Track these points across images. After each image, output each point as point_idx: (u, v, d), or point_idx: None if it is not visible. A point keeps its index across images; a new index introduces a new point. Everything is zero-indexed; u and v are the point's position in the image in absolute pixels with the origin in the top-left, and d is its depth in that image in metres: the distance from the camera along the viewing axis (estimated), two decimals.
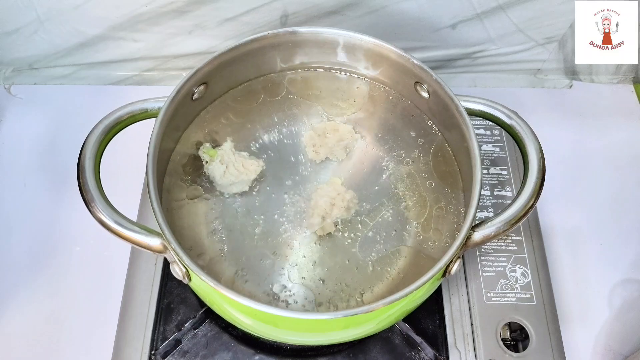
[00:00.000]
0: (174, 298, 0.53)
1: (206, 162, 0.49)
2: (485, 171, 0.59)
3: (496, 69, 0.71)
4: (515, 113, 0.46)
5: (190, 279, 0.42)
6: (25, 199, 0.62)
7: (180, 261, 0.40)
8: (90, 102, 0.69)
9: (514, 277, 0.54)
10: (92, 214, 0.40)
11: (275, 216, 0.48)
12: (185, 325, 0.51)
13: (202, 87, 0.49)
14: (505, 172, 0.60)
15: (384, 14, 0.61)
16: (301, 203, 0.48)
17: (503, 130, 0.47)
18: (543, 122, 0.64)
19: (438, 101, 0.48)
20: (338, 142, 0.51)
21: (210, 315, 0.51)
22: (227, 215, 0.48)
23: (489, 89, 0.72)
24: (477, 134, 0.44)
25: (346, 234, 0.47)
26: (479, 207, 0.44)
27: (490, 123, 0.49)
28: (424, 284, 0.38)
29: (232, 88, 0.53)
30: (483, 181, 0.56)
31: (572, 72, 0.71)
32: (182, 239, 0.45)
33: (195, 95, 0.49)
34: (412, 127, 0.52)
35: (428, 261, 0.45)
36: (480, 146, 0.45)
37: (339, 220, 0.47)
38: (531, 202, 0.42)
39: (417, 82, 0.50)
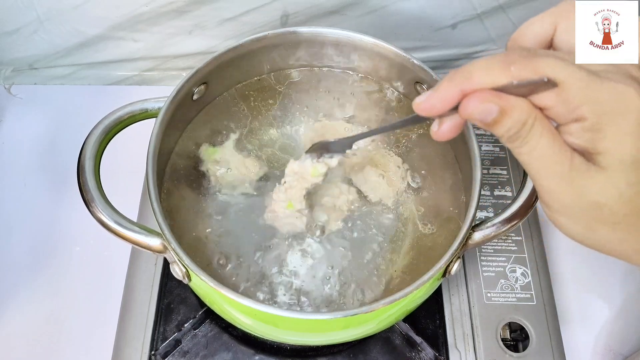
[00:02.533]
0: (174, 298, 0.53)
1: (206, 162, 0.49)
2: (485, 171, 0.59)
3: None
4: None
5: (190, 279, 0.42)
6: (25, 199, 0.62)
7: (180, 261, 0.40)
8: (90, 102, 0.69)
9: (514, 277, 0.54)
10: (92, 214, 0.40)
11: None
12: (185, 325, 0.51)
13: (202, 87, 0.49)
14: (505, 172, 0.60)
15: (384, 13, 0.61)
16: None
17: None
18: None
19: None
20: None
21: (210, 315, 0.51)
22: (228, 215, 0.47)
23: None
24: (477, 134, 0.44)
25: (347, 234, 0.47)
26: (479, 207, 0.44)
27: None
28: (424, 284, 0.38)
29: (232, 88, 0.53)
30: (483, 181, 0.56)
31: None
32: (182, 239, 0.45)
33: (195, 95, 0.49)
34: (412, 127, 0.52)
35: (428, 261, 0.45)
36: (480, 146, 0.45)
37: (340, 220, 0.47)
38: (531, 202, 0.42)
39: (417, 82, 0.50)
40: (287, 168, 0.45)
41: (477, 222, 0.42)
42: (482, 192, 0.57)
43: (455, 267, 0.42)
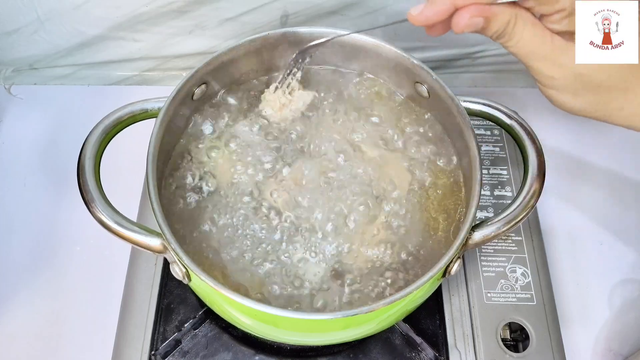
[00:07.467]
0: (174, 298, 0.53)
1: (207, 162, 0.49)
2: (485, 171, 0.59)
3: (496, 69, 0.71)
4: (515, 113, 0.46)
5: (190, 279, 0.42)
6: (25, 199, 0.62)
7: (180, 261, 0.40)
8: (90, 102, 0.69)
9: (514, 277, 0.54)
10: (92, 214, 0.40)
11: (275, 222, 0.47)
12: (185, 325, 0.51)
13: (202, 87, 0.49)
14: (505, 172, 0.60)
15: (384, 14, 0.61)
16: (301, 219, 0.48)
17: (503, 130, 0.47)
18: (543, 122, 0.64)
19: (438, 101, 0.48)
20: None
21: (210, 315, 0.51)
22: (228, 214, 0.47)
23: (489, 89, 0.72)
24: (477, 134, 0.44)
25: (348, 234, 0.47)
26: (479, 207, 0.44)
27: (490, 123, 0.49)
28: (423, 284, 0.38)
29: (232, 88, 0.53)
30: (483, 181, 0.56)
31: None
32: (182, 239, 0.45)
33: (195, 95, 0.49)
34: (412, 126, 0.52)
35: (428, 261, 0.45)
36: (480, 146, 0.45)
37: (339, 219, 0.47)
38: (531, 202, 0.42)
39: (417, 82, 0.50)
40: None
41: (477, 222, 0.42)
42: (482, 192, 0.57)
43: (455, 267, 0.42)
